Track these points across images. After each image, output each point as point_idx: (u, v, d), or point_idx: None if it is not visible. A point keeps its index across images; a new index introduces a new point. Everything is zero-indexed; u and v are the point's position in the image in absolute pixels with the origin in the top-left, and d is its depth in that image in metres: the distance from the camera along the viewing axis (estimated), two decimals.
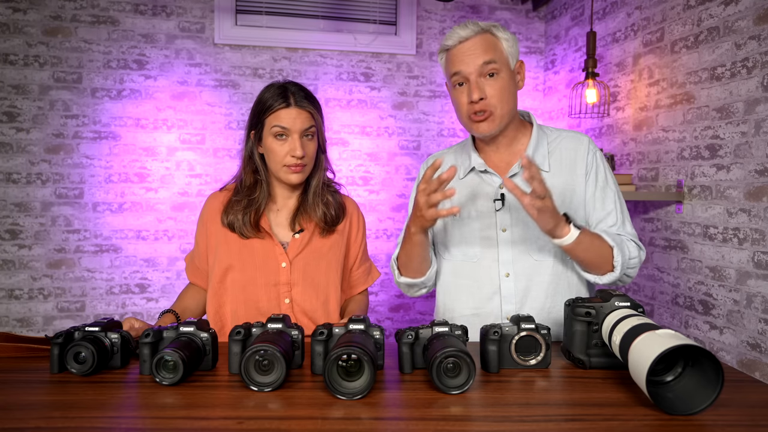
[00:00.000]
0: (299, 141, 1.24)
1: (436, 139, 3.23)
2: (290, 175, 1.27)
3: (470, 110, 1.19)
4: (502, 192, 1.26)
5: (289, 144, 1.24)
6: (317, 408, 0.79)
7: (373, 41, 3.11)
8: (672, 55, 2.16)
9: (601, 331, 0.95)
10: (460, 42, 1.19)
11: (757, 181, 1.77)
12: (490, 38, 1.19)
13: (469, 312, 1.29)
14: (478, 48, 1.17)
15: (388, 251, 3.20)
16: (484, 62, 1.17)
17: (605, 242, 1.15)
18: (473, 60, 1.17)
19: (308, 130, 1.26)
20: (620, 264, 1.14)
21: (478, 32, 1.18)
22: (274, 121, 1.24)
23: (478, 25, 1.19)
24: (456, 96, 1.23)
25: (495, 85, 1.18)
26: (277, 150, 1.25)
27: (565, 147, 1.27)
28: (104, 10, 2.84)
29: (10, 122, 2.75)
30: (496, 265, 1.25)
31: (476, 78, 1.18)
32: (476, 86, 1.17)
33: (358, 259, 1.44)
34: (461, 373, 0.84)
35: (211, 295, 1.31)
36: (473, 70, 1.17)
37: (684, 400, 0.77)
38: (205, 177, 2.99)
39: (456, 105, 1.24)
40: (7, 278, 2.79)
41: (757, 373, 1.76)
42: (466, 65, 1.18)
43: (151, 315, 2.96)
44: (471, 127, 1.23)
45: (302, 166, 1.27)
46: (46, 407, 0.79)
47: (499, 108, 1.18)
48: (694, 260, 2.05)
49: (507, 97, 1.19)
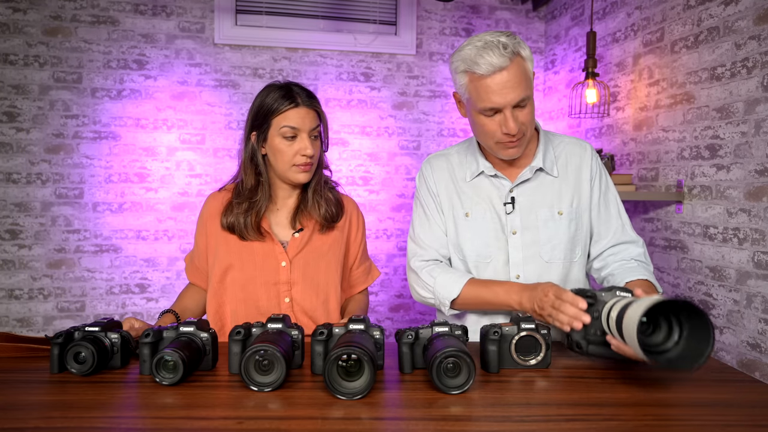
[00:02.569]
0: (308, 140, 1.25)
1: (436, 139, 3.23)
2: (299, 174, 1.27)
3: (503, 138, 1.16)
4: (512, 196, 1.26)
5: (298, 143, 1.25)
6: (317, 408, 0.79)
7: (373, 41, 3.11)
8: (672, 55, 2.16)
9: (600, 319, 0.95)
10: (496, 71, 1.09)
11: (757, 181, 1.77)
12: (521, 64, 1.12)
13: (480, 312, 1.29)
14: (514, 81, 1.10)
15: (388, 251, 3.20)
16: (521, 99, 1.12)
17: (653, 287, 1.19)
18: (510, 94, 1.11)
19: (315, 129, 1.28)
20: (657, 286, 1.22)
21: (511, 59, 1.09)
22: (283, 121, 1.24)
23: (509, 49, 1.09)
24: (484, 122, 1.17)
25: (526, 111, 1.15)
26: (285, 150, 1.25)
27: (570, 152, 1.29)
28: (104, 10, 2.84)
29: (10, 122, 2.75)
30: (507, 266, 1.26)
31: (511, 110, 1.13)
32: (513, 118, 1.13)
33: (358, 258, 1.44)
34: (461, 373, 0.84)
35: (210, 295, 1.31)
36: (509, 104, 1.12)
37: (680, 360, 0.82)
38: (205, 177, 2.99)
39: (483, 130, 1.19)
40: (7, 278, 2.79)
41: (757, 373, 1.76)
42: (502, 98, 1.11)
43: (151, 315, 2.96)
44: (498, 151, 1.21)
45: (311, 165, 1.28)
46: (46, 407, 0.79)
47: (528, 131, 1.19)
48: (694, 260, 2.05)
49: (533, 118, 1.20)
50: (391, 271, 3.18)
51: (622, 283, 1.18)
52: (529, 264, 1.25)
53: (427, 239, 1.31)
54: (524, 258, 1.25)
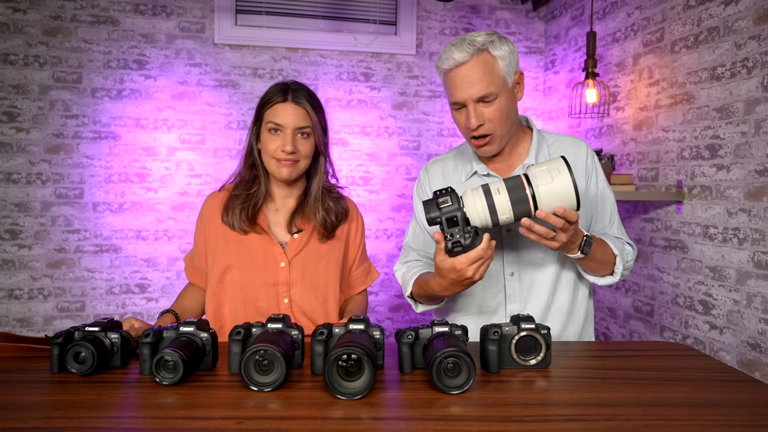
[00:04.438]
0: (291, 137, 1.25)
1: (436, 139, 3.23)
2: (281, 168, 1.26)
3: (470, 133, 1.19)
4: None
5: (281, 139, 1.25)
6: (317, 408, 0.79)
7: (373, 41, 3.11)
8: (672, 55, 2.16)
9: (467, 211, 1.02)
10: (456, 66, 1.13)
11: (757, 181, 1.77)
12: (487, 60, 1.13)
13: (475, 310, 1.31)
14: (474, 75, 1.12)
15: (388, 251, 3.20)
16: (480, 96, 1.13)
17: (610, 250, 1.19)
18: (469, 89, 1.13)
19: (303, 129, 1.26)
20: (620, 271, 1.21)
21: (473, 54, 1.12)
22: (270, 115, 1.26)
23: (474, 45, 1.12)
24: (455, 116, 1.22)
25: (493, 108, 1.15)
26: (269, 144, 1.26)
27: (565, 151, 1.29)
28: (104, 10, 2.84)
29: (10, 122, 2.75)
30: (501, 264, 1.26)
31: (474, 105, 1.15)
32: (474, 113, 1.14)
33: (357, 259, 1.44)
34: (461, 373, 0.84)
35: (210, 295, 1.31)
36: (469, 98, 1.14)
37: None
38: (205, 177, 2.99)
39: (457, 124, 1.24)
40: (7, 278, 2.79)
41: (757, 373, 1.76)
42: (461, 93, 1.14)
43: (151, 315, 2.96)
44: (473, 146, 1.24)
45: (293, 162, 1.26)
46: (46, 407, 0.79)
47: (498, 129, 1.18)
48: (694, 260, 2.05)
49: (506, 117, 1.17)
50: (390, 272, 3.18)
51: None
52: (523, 262, 1.26)
53: (412, 243, 1.39)
54: (518, 255, 1.26)
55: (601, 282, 1.24)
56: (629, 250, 1.25)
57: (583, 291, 1.31)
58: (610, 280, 1.23)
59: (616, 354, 1.11)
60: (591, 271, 1.23)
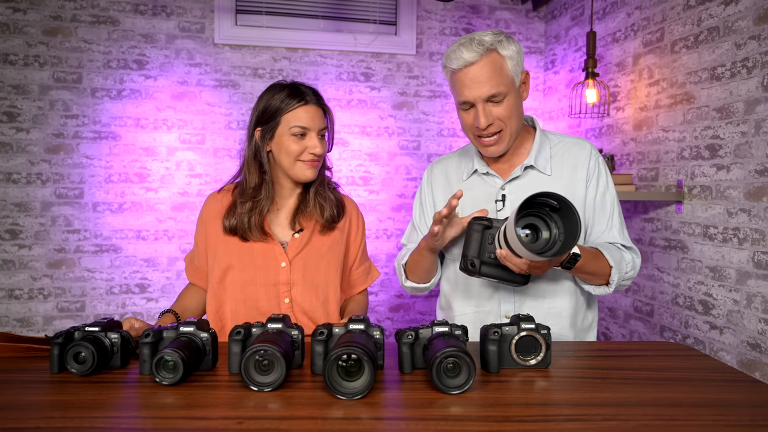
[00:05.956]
0: (317, 139, 1.27)
1: (436, 139, 3.23)
2: (307, 170, 1.28)
3: (478, 132, 1.20)
4: (503, 193, 1.26)
5: (307, 141, 1.26)
6: (317, 408, 0.79)
7: (373, 41, 3.11)
8: (672, 55, 2.16)
9: (494, 243, 1.08)
10: (465, 66, 1.14)
11: (757, 181, 1.77)
12: (496, 60, 1.14)
13: (471, 310, 1.31)
14: (484, 75, 1.13)
15: (388, 251, 3.20)
16: (490, 95, 1.14)
17: (605, 262, 1.17)
18: (479, 88, 1.14)
19: (324, 129, 1.29)
20: (615, 282, 1.19)
21: (483, 54, 1.13)
22: (293, 119, 1.25)
23: (483, 45, 1.13)
24: (462, 116, 1.22)
25: (502, 108, 1.16)
26: (293, 147, 1.26)
27: (568, 152, 1.28)
28: (104, 10, 2.84)
29: (10, 122, 2.75)
30: None
31: (483, 104, 1.16)
32: (483, 113, 1.15)
33: (358, 258, 1.44)
34: (461, 373, 0.84)
35: (210, 295, 1.31)
36: (479, 98, 1.15)
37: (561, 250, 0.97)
38: (205, 177, 2.99)
39: (463, 124, 1.24)
40: (7, 278, 2.79)
41: (757, 373, 1.76)
42: (471, 92, 1.15)
43: (151, 315, 2.96)
44: (479, 147, 1.25)
45: (317, 162, 1.30)
46: (46, 407, 0.79)
47: (507, 127, 1.19)
48: (694, 260, 2.05)
49: (514, 116, 1.19)
50: (391, 271, 3.18)
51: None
52: None
53: (408, 243, 1.45)
54: None
55: (595, 292, 1.23)
56: (629, 260, 1.21)
57: (584, 299, 1.30)
58: (605, 290, 1.21)
59: (616, 354, 1.11)
60: (583, 281, 1.23)
